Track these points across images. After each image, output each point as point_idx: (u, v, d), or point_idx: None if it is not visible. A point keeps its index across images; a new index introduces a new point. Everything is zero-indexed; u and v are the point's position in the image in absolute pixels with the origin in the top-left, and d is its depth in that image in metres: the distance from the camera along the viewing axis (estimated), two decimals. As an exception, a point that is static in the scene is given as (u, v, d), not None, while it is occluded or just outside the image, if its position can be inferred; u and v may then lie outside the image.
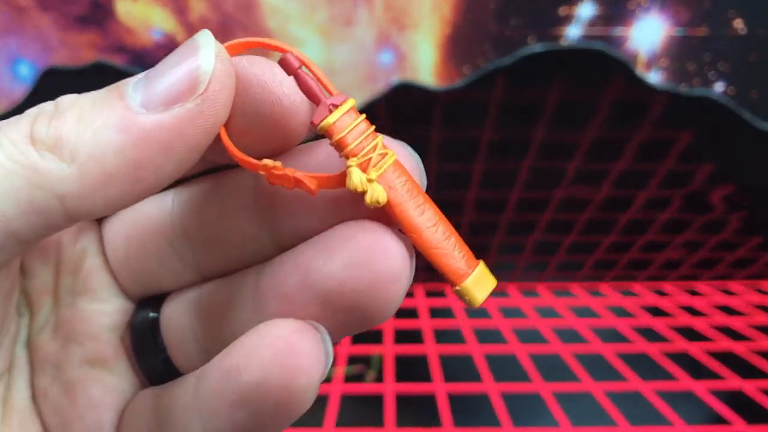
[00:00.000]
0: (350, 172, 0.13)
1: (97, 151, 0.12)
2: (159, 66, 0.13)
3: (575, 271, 0.80)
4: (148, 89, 0.12)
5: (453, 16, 0.53)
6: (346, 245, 0.14)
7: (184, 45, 0.13)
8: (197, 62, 0.13)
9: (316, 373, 0.13)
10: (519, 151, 0.63)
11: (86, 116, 0.12)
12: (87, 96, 0.13)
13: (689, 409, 0.53)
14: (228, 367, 0.13)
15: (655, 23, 0.53)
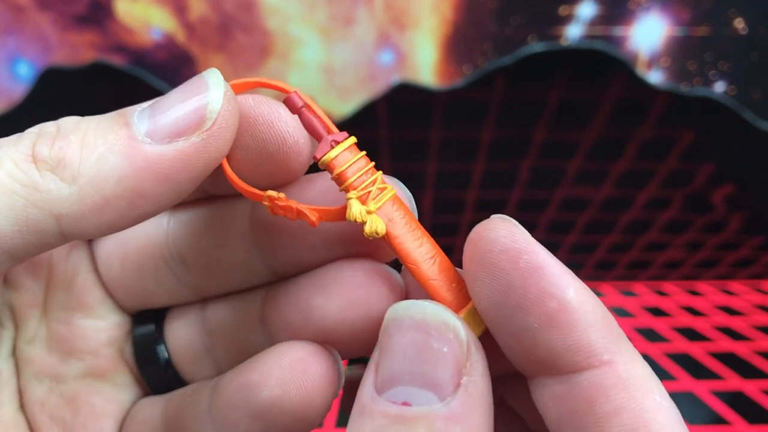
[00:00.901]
0: (350, 204, 0.14)
1: (99, 176, 0.12)
2: (166, 98, 0.13)
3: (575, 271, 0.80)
4: (155, 120, 0.13)
5: (453, 16, 0.52)
6: (343, 285, 0.15)
7: (193, 80, 0.14)
8: (206, 99, 0.13)
9: (330, 393, 0.15)
10: (519, 151, 0.63)
11: (90, 140, 0.12)
12: (91, 119, 0.13)
13: (690, 410, 0.53)
14: (247, 383, 0.15)
15: (656, 23, 0.52)
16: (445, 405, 0.11)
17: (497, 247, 0.13)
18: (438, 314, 0.12)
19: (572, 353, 0.12)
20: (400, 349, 0.12)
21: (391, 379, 0.12)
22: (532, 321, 0.12)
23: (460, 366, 0.12)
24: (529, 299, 0.12)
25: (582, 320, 0.12)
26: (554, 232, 0.73)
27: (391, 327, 0.12)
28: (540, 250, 0.13)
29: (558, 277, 0.12)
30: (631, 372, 0.12)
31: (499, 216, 0.14)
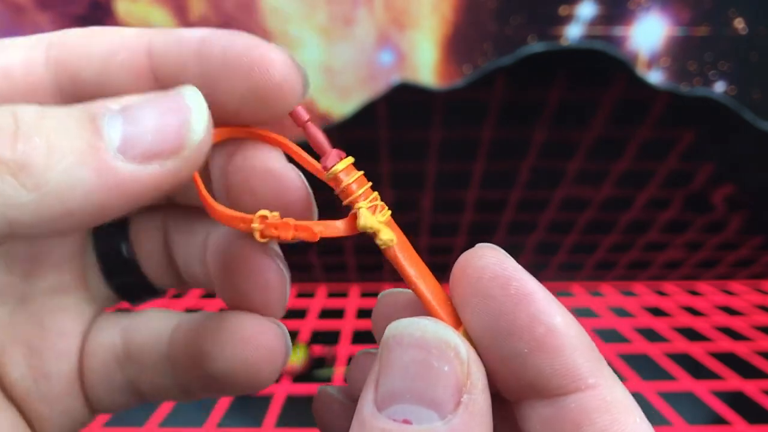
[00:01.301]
0: (361, 214, 0.14)
1: (63, 188, 0.11)
2: (140, 109, 0.12)
3: (575, 271, 0.80)
4: (129, 135, 0.12)
5: (453, 16, 0.52)
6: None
7: (171, 96, 0.13)
8: (188, 126, 0.13)
9: (277, 365, 0.17)
10: (519, 151, 0.63)
11: (57, 146, 0.11)
12: (54, 114, 0.12)
13: (690, 409, 0.53)
14: (201, 352, 0.17)
15: (656, 23, 0.52)
16: (446, 423, 0.11)
17: (487, 274, 0.13)
18: (438, 332, 0.12)
19: (559, 377, 0.12)
20: (401, 366, 0.12)
21: (391, 396, 0.12)
22: (522, 346, 0.12)
23: (460, 384, 0.12)
24: (519, 325, 0.13)
25: (568, 345, 0.12)
26: (554, 232, 0.73)
27: (392, 343, 0.12)
28: (528, 278, 0.13)
29: (546, 304, 0.13)
30: (614, 395, 0.12)
31: (486, 244, 0.14)
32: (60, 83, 0.14)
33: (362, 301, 0.76)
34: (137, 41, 0.14)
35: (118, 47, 0.14)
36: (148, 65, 0.14)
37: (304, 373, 0.61)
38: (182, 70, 0.14)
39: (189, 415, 0.53)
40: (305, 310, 0.74)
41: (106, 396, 0.18)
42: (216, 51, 0.14)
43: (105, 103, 0.12)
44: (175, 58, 0.14)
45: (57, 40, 0.14)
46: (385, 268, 0.78)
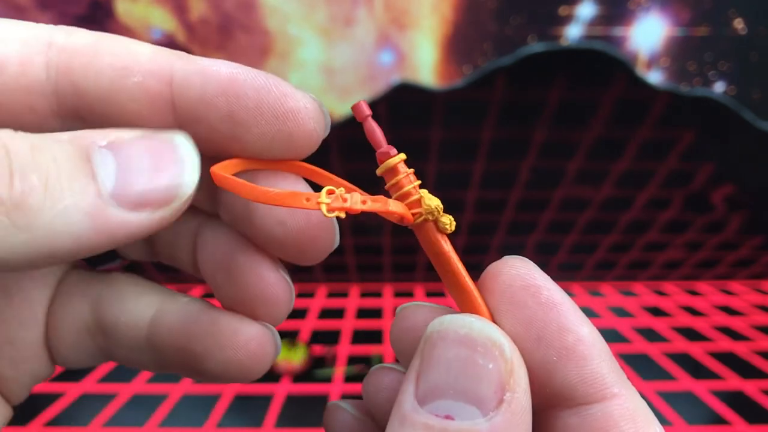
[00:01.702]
0: (424, 196, 0.14)
1: (56, 230, 0.11)
2: (134, 158, 0.12)
3: (575, 271, 0.80)
4: (121, 180, 0.12)
5: (453, 16, 0.52)
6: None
7: (165, 146, 0.13)
8: (180, 179, 0.13)
9: (263, 367, 0.17)
10: (519, 151, 0.63)
11: (55, 188, 0.11)
12: (47, 149, 0.11)
13: (689, 409, 0.53)
14: (190, 352, 0.17)
15: (656, 23, 0.53)
16: (488, 420, 0.11)
17: (519, 282, 0.13)
18: (484, 330, 0.12)
19: (587, 385, 0.13)
20: (445, 362, 0.12)
21: (434, 391, 0.12)
22: (551, 354, 0.13)
23: (503, 382, 0.12)
24: (549, 333, 0.13)
25: (596, 354, 0.13)
26: (554, 232, 0.73)
27: (436, 338, 0.13)
28: (556, 288, 0.13)
29: (574, 313, 0.13)
30: (636, 405, 0.13)
31: (515, 257, 0.14)
32: (60, 92, 0.14)
33: (362, 301, 0.76)
34: (155, 65, 0.14)
35: (131, 67, 0.14)
36: (168, 94, 0.14)
37: (304, 373, 0.61)
38: (208, 107, 0.14)
39: (189, 415, 0.53)
40: (305, 310, 0.74)
41: (74, 359, 0.18)
42: (250, 94, 0.14)
43: (92, 136, 0.12)
44: (199, 92, 0.14)
45: (61, 41, 0.14)
46: (384, 268, 0.78)
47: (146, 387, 0.57)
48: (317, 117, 0.14)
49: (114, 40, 0.14)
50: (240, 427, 0.52)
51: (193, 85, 0.14)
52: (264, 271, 0.16)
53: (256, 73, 0.14)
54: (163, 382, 0.58)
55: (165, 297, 0.18)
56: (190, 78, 0.14)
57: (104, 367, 0.60)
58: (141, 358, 0.18)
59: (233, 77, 0.14)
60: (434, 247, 0.15)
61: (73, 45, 0.14)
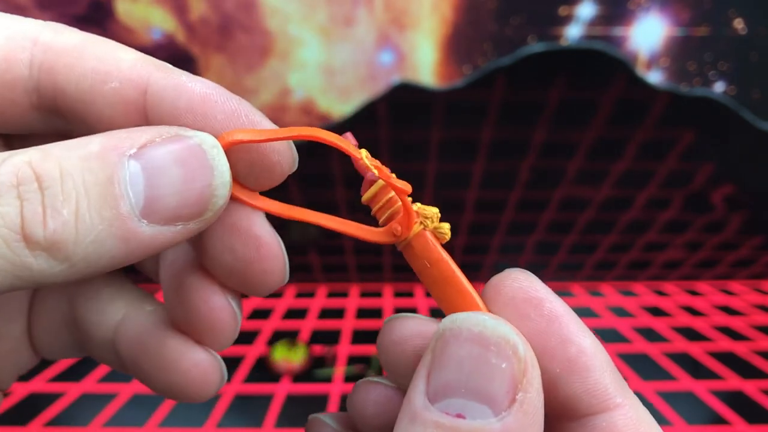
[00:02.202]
0: (423, 208, 0.15)
1: (93, 257, 0.12)
2: (164, 172, 0.12)
3: (575, 271, 0.80)
4: (151, 197, 0.12)
5: (453, 16, 0.52)
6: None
7: (197, 157, 0.12)
8: (211, 190, 0.13)
9: (213, 390, 0.17)
10: (519, 151, 0.63)
11: (85, 218, 0.11)
12: (78, 175, 0.11)
13: (689, 409, 0.53)
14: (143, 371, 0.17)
15: (656, 23, 0.53)
16: (500, 420, 0.11)
17: (521, 295, 0.13)
18: (497, 328, 0.12)
19: (590, 396, 0.13)
20: (457, 360, 0.12)
21: (445, 389, 0.12)
22: (554, 366, 0.13)
23: (516, 382, 0.12)
24: (552, 345, 0.13)
25: (598, 365, 0.13)
26: (554, 232, 0.73)
27: (448, 336, 0.12)
28: (558, 300, 0.14)
29: (576, 325, 0.13)
30: (639, 414, 0.13)
31: (517, 269, 0.14)
32: (41, 89, 0.14)
33: (362, 301, 0.76)
34: (134, 73, 0.14)
35: (112, 72, 0.14)
36: (142, 103, 0.14)
37: (304, 372, 0.61)
38: (176, 123, 0.14)
39: (189, 415, 0.53)
40: (305, 310, 0.74)
41: (56, 351, 0.19)
42: (218, 117, 0.13)
43: (121, 147, 0.12)
44: (170, 106, 0.14)
45: (47, 39, 0.14)
46: (384, 268, 0.78)
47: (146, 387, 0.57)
48: (283, 151, 0.14)
49: (100, 44, 0.14)
50: (240, 427, 0.52)
51: (165, 98, 0.14)
52: (210, 295, 0.16)
53: (230, 97, 0.14)
54: (163, 382, 0.58)
55: (132, 302, 0.18)
56: (164, 91, 0.14)
57: (104, 367, 0.60)
58: (107, 356, 0.18)
59: (205, 97, 0.13)
60: (431, 256, 0.15)
61: (59, 44, 0.14)
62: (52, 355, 0.19)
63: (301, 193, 0.62)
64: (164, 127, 0.13)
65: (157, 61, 0.14)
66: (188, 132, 0.13)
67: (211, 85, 0.14)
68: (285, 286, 0.82)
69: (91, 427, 0.51)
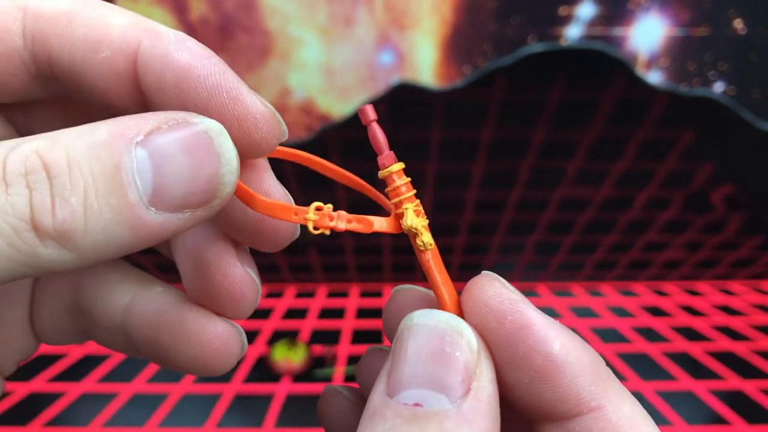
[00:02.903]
0: (407, 215, 0.15)
1: (102, 245, 0.12)
2: (171, 159, 0.12)
3: (575, 271, 0.80)
4: (159, 185, 0.12)
5: (453, 16, 0.52)
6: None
7: (204, 145, 0.12)
8: (219, 177, 0.12)
9: (232, 360, 0.17)
10: (519, 151, 0.63)
11: (94, 206, 0.11)
12: (85, 164, 0.11)
13: (689, 409, 0.53)
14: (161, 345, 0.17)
15: (656, 23, 0.53)
16: (456, 407, 0.12)
17: (485, 308, 0.13)
18: (451, 321, 0.13)
19: (561, 403, 0.13)
20: (413, 353, 0.12)
21: (402, 382, 0.12)
22: (522, 376, 0.13)
23: (470, 372, 0.12)
24: (518, 356, 0.13)
25: (568, 372, 0.13)
26: (554, 232, 0.73)
27: (405, 333, 0.13)
28: (525, 308, 0.13)
29: (544, 332, 0.13)
30: (620, 414, 0.13)
31: (488, 274, 0.14)
32: (38, 60, 0.14)
33: (362, 301, 0.76)
34: (124, 41, 0.13)
35: (103, 41, 0.13)
36: (133, 72, 0.13)
37: (304, 372, 0.61)
38: (162, 95, 0.13)
39: (189, 415, 0.53)
40: (305, 310, 0.74)
41: (57, 337, 0.19)
42: (201, 93, 0.13)
43: (128, 133, 0.12)
44: (156, 77, 0.13)
45: (35, 6, 0.13)
46: (384, 268, 0.78)
47: (146, 387, 0.57)
48: (269, 124, 0.14)
49: (89, 9, 0.14)
50: (240, 427, 0.52)
51: (153, 69, 0.13)
52: (230, 267, 0.16)
53: (215, 70, 0.13)
54: (163, 382, 0.58)
55: (141, 285, 0.18)
56: (152, 62, 0.13)
57: (104, 367, 0.60)
58: (116, 340, 0.18)
59: (189, 70, 0.13)
60: (419, 256, 0.15)
61: (48, 11, 0.13)
62: (54, 341, 0.19)
63: (302, 192, 0.62)
64: (171, 113, 0.13)
65: (149, 23, 0.14)
66: (195, 118, 0.13)
67: (198, 55, 0.13)
68: (285, 285, 0.82)
69: (91, 427, 0.51)
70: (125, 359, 0.62)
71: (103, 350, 0.63)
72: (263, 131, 0.14)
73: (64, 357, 0.62)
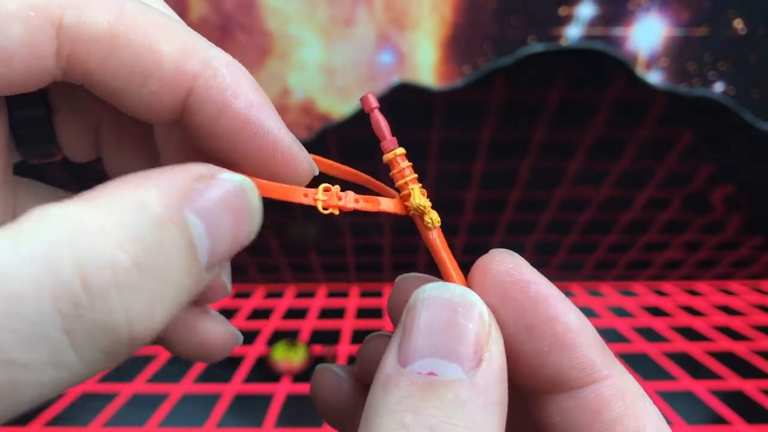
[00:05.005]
0: (414, 194, 0.15)
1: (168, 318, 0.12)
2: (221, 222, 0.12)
3: (575, 271, 0.80)
4: (213, 253, 0.12)
5: (453, 16, 0.53)
6: None
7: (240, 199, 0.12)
8: (250, 234, 0.13)
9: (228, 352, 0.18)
10: (519, 151, 0.63)
11: (170, 296, 0.11)
12: (162, 256, 0.11)
13: (689, 409, 0.53)
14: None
15: (655, 23, 0.53)
16: (469, 377, 0.12)
17: (507, 278, 0.14)
18: (465, 294, 0.13)
19: (578, 370, 0.13)
20: (426, 324, 0.13)
21: (415, 352, 0.12)
22: (543, 344, 0.13)
23: (482, 343, 0.13)
24: (540, 324, 0.14)
25: (584, 341, 0.14)
26: (554, 232, 0.73)
27: (418, 305, 0.13)
28: (544, 280, 0.14)
29: (562, 303, 0.14)
30: (626, 384, 0.14)
31: (502, 250, 0.15)
32: (68, 75, 0.13)
33: (362, 301, 0.76)
34: (176, 77, 0.13)
35: (151, 73, 0.12)
36: (179, 107, 0.13)
37: (304, 372, 0.61)
38: (213, 136, 0.14)
39: (189, 415, 0.53)
40: (305, 310, 0.74)
41: None
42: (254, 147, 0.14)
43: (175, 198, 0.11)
44: (209, 119, 0.13)
45: (72, 23, 0.12)
46: (384, 268, 0.78)
47: (146, 387, 0.57)
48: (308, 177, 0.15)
49: (136, 31, 0.12)
50: (240, 427, 0.52)
51: (205, 113, 0.13)
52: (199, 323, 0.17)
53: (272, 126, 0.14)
54: (163, 382, 0.58)
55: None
56: (206, 106, 0.13)
57: (104, 367, 0.60)
58: None
59: (246, 124, 0.13)
60: (423, 236, 0.16)
61: (88, 32, 0.12)
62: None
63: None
64: (199, 166, 0.12)
65: (203, 53, 0.13)
66: (226, 174, 0.12)
67: (254, 107, 0.13)
68: (284, 286, 0.82)
69: (91, 427, 0.51)
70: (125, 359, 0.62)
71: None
72: (302, 180, 0.15)
73: (64, 357, 0.62)
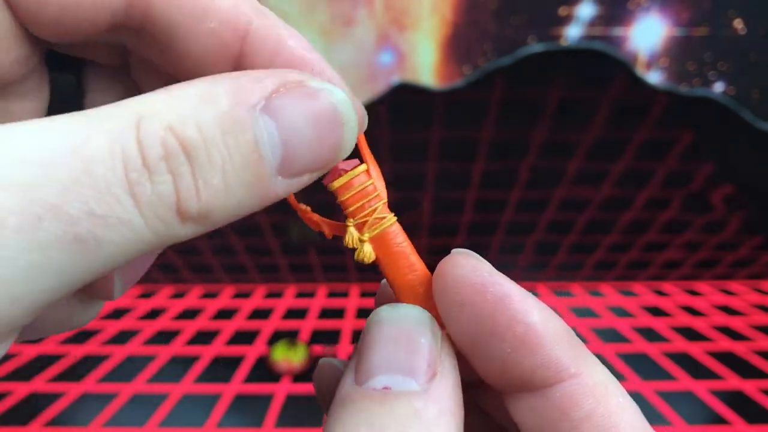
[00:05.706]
0: (348, 231, 0.15)
1: (232, 217, 0.12)
2: (297, 127, 0.12)
3: (575, 271, 0.80)
4: (287, 156, 0.12)
5: (453, 16, 0.53)
6: None
7: (331, 114, 0.12)
8: (341, 144, 0.13)
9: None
10: (519, 151, 0.63)
11: (233, 186, 0.11)
12: (221, 143, 0.11)
13: (689, 409, 0.53)
14: None
15: (655, 23, 0.53)
16: (424, 389, 0.12)
17: (464, 282, 0.14)
18: (415, 312, 0.14)
19: (543, 370, 0.13)
20: (381, 342, 0.13)
21: (370, 370, 0.13)
22: (505, 346, 0.13)
23: (435, 357, 0.13)
24: (500, 327, 0.13)
25: (548, 340, 0.13)
26: (554, 232, 0.73)
27: (373, 327, 0.14)
28: (504, 280, 0.14)
29: (522, 303, 0.13)
30: (595, 379, 0.13)
31: (461, 251, 0.15)
32: (129, 11, 0.13)
33: (362, 301, 0.76)
34: (234, 15, 0.13)
35: (211, 10, 0.13)
36: (237, 49, 0.13)
37: (304, 373, 0.61)
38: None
39: (189, 415, 0.53)
40: (305, 310, 0.74)
41: None
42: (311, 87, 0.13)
43: (248, 99, 0.11)
44: (267, 61, 0.13)
45: None
46: (384, 268, 0.78)
47: (146, 387, 0.57)
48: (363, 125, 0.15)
49: None
50: (240, 427, 0.52)
51: (263, 51, 0.13)
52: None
53: (325, 67, 0.14)
54: (164, 382, 0.58)
55: None
56: (264, 43, 0.13)
57: (104, 367, 0.60)
58: None
59: (303, 60, 0.14)
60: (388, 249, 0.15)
61: None
62: None
63: (303, 193, 0.62)
64: (286, 72, 0.12)
65: (255, 2, 0.14)
66: (314, 83, 0.12)
67: (308, 47, 0.14)
68: (285, 286, 0.82)
69: (91, 427, 0.51)
70: (125, 359, 0.62)
71: (103, 350, 0.63)
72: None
73: (64, 357, 0.62)
